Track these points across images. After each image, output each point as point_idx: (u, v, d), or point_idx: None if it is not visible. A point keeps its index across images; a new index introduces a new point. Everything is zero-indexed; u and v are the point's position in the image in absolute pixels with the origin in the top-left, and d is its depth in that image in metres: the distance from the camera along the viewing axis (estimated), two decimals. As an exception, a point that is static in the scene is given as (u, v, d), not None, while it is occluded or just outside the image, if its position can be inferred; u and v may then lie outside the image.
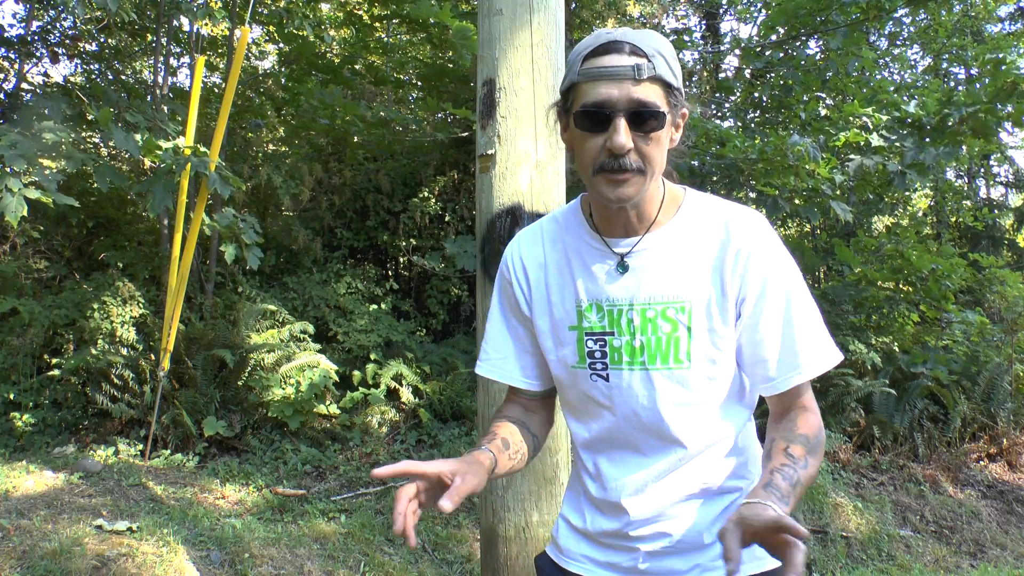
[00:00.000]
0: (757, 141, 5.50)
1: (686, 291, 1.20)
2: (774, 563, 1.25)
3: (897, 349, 6.32)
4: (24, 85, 6.21)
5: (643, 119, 1.10)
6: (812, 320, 1.20)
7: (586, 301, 1.26)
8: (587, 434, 1.32)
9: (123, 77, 7.24)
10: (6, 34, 6.17)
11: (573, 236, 1.29)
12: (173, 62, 7.10)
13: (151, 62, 6.74)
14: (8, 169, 3.68)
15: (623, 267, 1.23)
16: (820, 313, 1.23)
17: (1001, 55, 5.57)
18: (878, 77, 7.63)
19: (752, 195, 6.80)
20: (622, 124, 1.09)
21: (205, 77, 6.98)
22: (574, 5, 7.29)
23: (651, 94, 1.10)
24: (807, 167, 5.10)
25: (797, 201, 5.75)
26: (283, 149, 7.95)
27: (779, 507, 1.01)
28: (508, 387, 1.41)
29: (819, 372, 1.19)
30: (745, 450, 1.29)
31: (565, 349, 1.29)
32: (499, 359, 1.37)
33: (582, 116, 1.12)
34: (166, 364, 4.53)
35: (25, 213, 3.64)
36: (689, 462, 1.24)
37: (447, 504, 1.03)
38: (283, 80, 7.42)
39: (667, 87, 1.12)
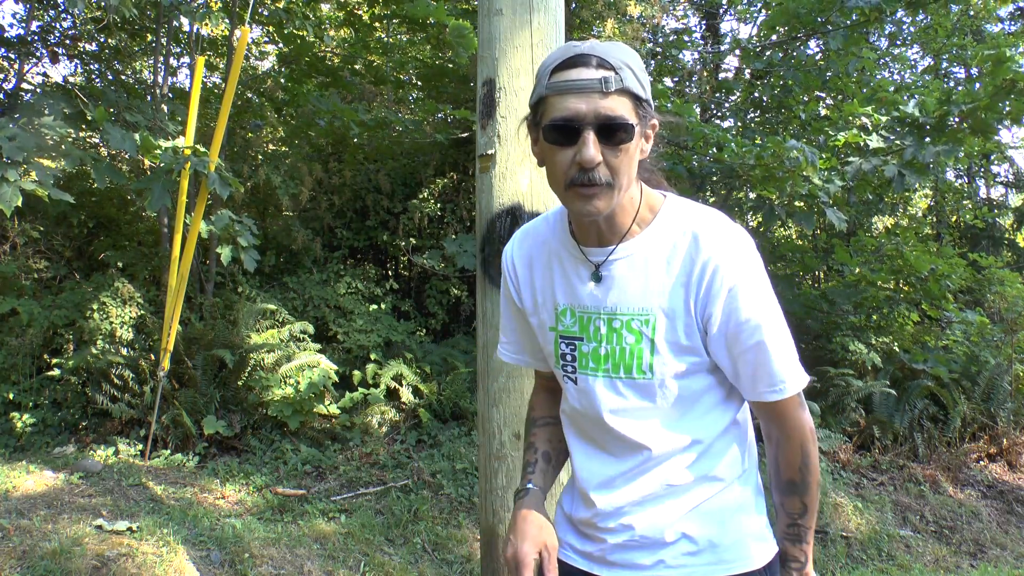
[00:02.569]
0: (756, 141, 5.49)
1: (651, 303, 1.21)
2: (761, 562, 1.27)
3: (897, 349, 6.32)
4: (24, 85, 6.21)
5: (612, 132, 1.10)
6: (783, 337, 1.21)
7: (562, 304, 1.30)
8: (570, 427, 1.38)
9: (123, 77, 7.24)
10: (6, 34, 6.17)
11: (557, 241, 1.32)
12: (173, 62, 7.10)
13: (151, 62, 6.73)
14: (6, 159, 3.68)
15: (597, 277, 1.25)
16: (788, 332, 1.23)
17: (1000, 50, 5.55)
18: (878, 77, 7.62)
19: (751, 196, 6.81)
20: (591, 138, 1.10)
21: (205, 77, 6.98)
22: (574, 5, 7.29)
23: (619, 106, 1.10)
24: (804, 173, 5.09)
25: (798, 203, 5.74)
26: (283, 149, 7.95)
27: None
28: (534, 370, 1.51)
29: (795, 391, 1.21)
30: (721, 454, 1.28)
31: (547, 348, 1.35)
32: (508, 343, 1.47)
33: (551, 130, 1.13)
34: (166, 364, 4.53)
35: (19, 204, 3.63)
36: (655, 465, 1.26)
37: None
38: (283, 80, 7.42)
39: (635, 99, 1.13)
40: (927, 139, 5.74)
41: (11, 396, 4.88)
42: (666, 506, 1.26)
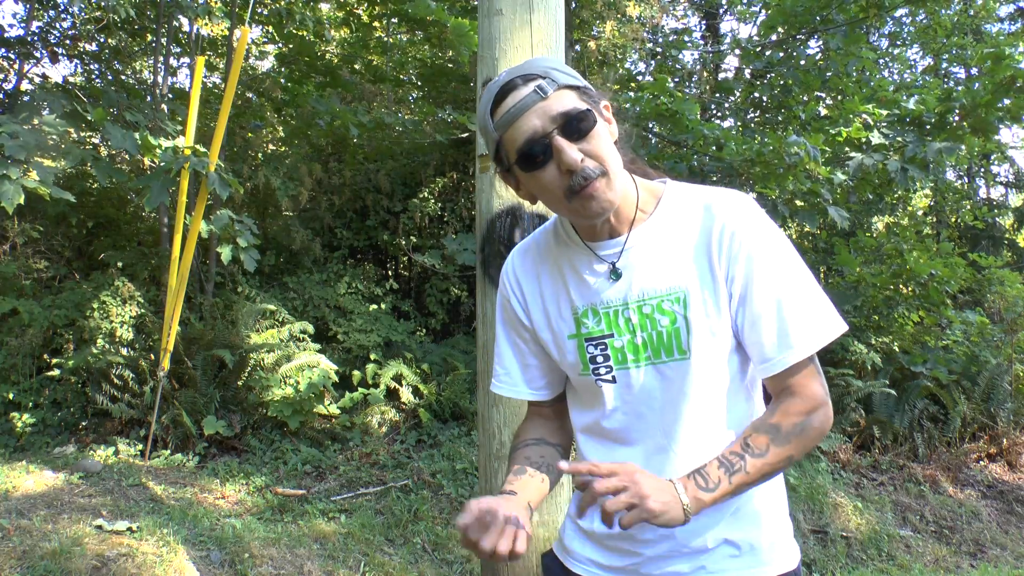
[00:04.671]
0: (756, 141, 5.49)
1: (679, 281, 1.20)
2: (794, 563, 1.26)
3: (897, 349, 6.32)
4: (24, 85, 6.21)
5: (574, 125, 1.11)
6: (805, 294, 1.16)
7: (581, 307, 1.26)
8: (595, 435, 1.32)
9: (123, 77, 7.24)
10: (6, 34, 6.17)
11: (562, 245, 1.30)
12: (173, 62, 7.10)
13: (151, 62, 6.73)
14: (8, 157, 3.68)
15: (616, 274, 1.23)
16: (817, 284, 1.19)
17: (1000, 49, 5.55)
18: (878, 77, 7.62)
19: (752, 195, 6.78)
20: (562, 142, 1.10)
21: (205, 77, 6.98)
22: (574, 5, 7.29)
23: (566, 101, 1.11)
24: (806, 168, 5.08)
25: (798, 202, 5.74)
26: (283, 150, 7.96)
27: (695, 493, 1.07)
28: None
29: (814, 349, 1.15)
30: None
31: (569, 358, 1.29)
32: (504, 374, 1.40)
33: (522, 160, 1.13)
34: (166, 364, 4.53)
35: (21, 201, 3.64)
36: (698, 459, 1.21)
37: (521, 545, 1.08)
38: (283, 80, 7.42)
39: (576, 89, 1.14)
40: (928, 137, 5.73)
41: (11, 396, 4.88)
42: (707, 512, 1.20)
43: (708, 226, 1.19)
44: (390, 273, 7.57)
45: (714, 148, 6.00)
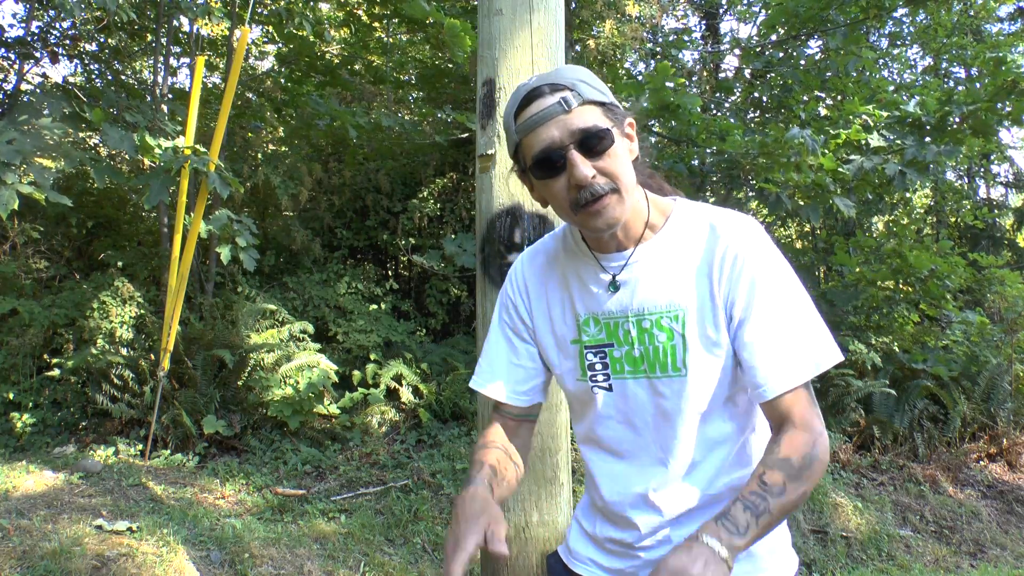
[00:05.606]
0: (757, 138, 5.49)
1: (678, 299, 1.21)
2: (792, 571, 1.26)
3: (897, 349, 6.32)
4: (24, 86, 6.20)
5: (592, 142, 1.12)
6: (804, 323, 1.16)
7: (584, 315, 1.28)
8: (593, 445, 1.34)
9: (123, 77, 7.24)
10: (6, 35, 6.17)
11: (570, 253, 1.32)
12: (173, 62, 7.09)
13: (151, 62, 6.73)
14: (3, 161, 3.68)
15: (615, 286, 1.24)
16: (817, 312, 1.18)
17: (1001, 54, 5.56)
18: (877, 77, 7.62)
19: (752, 193, 6.80)
20: (576, 157, 1.12)
21: (205, 77, 6.98)
22: (574, 5, 7.29)
23: (588, 117, 1.13)
24: (809, 161, 5.08)
25: (799, 199, 5.72)
26: (283, 149, 7.96)
27: (729, 541, 1.02)
28: (492, 405, 1.39)
29: (808, 377, 1.14)
30: (752, 458, 1.28)
31: (568, 363, 1.31)
32: (487, 367, 1.38)
33: (537, 166, 1.15)
34: (166, 364, 4.53)
35: (16, 207, 3.64)
36: (691, 473, 1.24)
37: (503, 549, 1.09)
38: (283, 80, 7.42)
39: (601, 105, 1.15)
40: (928, 139, 5.73)
41: (11, 396, 4.88)
42: (706, 516, 1.22)
43: (712, 246, 1.20)
44: (390, 273, 7.57)
45: (717, 142, 5.98)
